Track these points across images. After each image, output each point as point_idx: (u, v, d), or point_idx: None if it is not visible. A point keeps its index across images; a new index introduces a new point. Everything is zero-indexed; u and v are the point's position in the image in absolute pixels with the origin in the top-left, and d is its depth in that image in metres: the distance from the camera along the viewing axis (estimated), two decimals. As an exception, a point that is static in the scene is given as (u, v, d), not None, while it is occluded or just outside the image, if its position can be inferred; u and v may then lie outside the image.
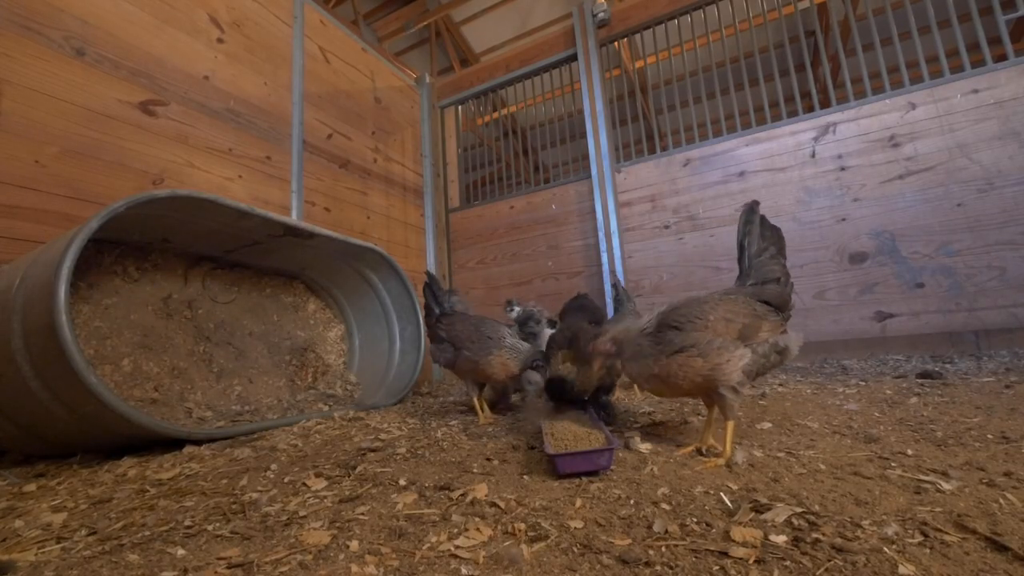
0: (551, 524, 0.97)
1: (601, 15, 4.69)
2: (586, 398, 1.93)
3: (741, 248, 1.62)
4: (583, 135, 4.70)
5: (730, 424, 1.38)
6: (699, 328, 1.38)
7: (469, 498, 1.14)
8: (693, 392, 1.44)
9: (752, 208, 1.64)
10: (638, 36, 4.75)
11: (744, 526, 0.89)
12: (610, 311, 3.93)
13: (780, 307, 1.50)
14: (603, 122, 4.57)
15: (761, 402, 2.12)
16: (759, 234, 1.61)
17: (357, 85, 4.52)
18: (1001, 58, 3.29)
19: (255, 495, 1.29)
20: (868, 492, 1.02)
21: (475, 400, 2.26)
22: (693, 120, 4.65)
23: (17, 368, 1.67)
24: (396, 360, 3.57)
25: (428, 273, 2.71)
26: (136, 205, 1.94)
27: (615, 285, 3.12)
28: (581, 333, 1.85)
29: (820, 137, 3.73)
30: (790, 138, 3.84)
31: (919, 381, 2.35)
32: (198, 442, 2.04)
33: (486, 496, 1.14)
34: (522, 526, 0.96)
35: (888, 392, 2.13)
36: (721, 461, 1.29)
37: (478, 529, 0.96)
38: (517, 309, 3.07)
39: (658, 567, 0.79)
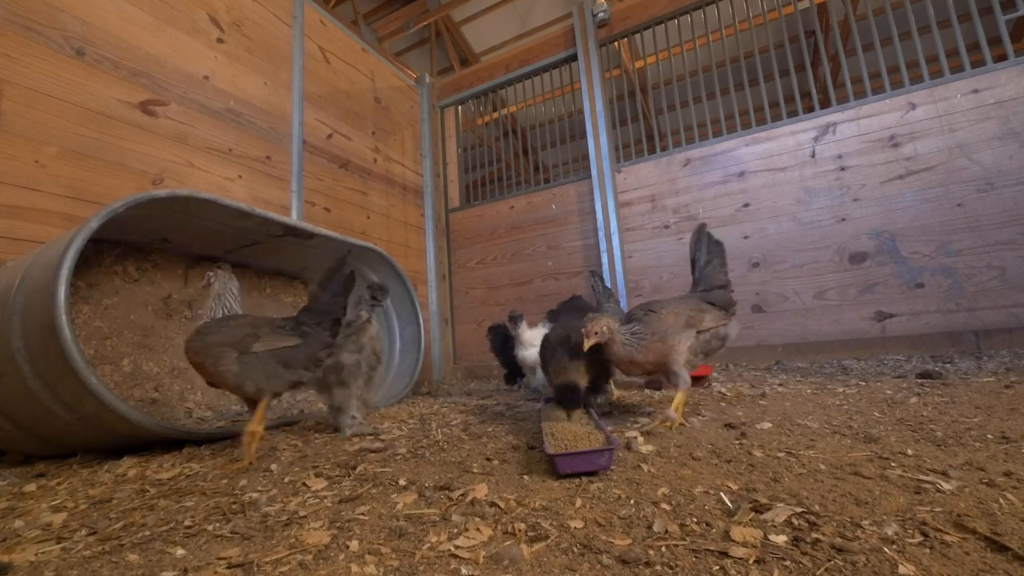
0: (551, 524, 0.97)
1: (601, 15, 4.69)
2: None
3: (693, 262, 2.07)
4: (583, 135, 4.70)
5: (680, 393, 1.78)
6: (657, 319, 1.80)
7: (469, 498, 1.14)
8: (655, 369, 1.84)
9: (700, 229, 2.10)
10: (638, 36, 4.75)
11: (744, 526, 0.89)
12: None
13: (724, 307, 1.95)
14: (603, 122, 4.57)
15: (761, 402, 2.12)
16: (706, 249, 2.06)
17: (357, 85, 4.52)
18: (1001, 58, 3.29)
19: (255, 495, 1.29)
20: (868, 492, 1.02)
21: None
22: (693, 120, 4.65)
23: (17, 368, 1.67)
24: (396, 360, 3.57)
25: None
26: (136, 205, 1.94)
27: (593, 273, 3.02)
28: (575, 333, 1.86)
29: (820, 137, 3.73)
30: (790, 138, 3.84)
31: (919, 381, 2.35)
32: (198, 442, 2.04)
33: (486, 496, 1.14)
34: (522, 526, 0.96)
35: (888, 392, 2.13)
36: (675, 421, 1.71)
37: (478, 529, 0.96)
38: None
39: (658, 567, 0.79)
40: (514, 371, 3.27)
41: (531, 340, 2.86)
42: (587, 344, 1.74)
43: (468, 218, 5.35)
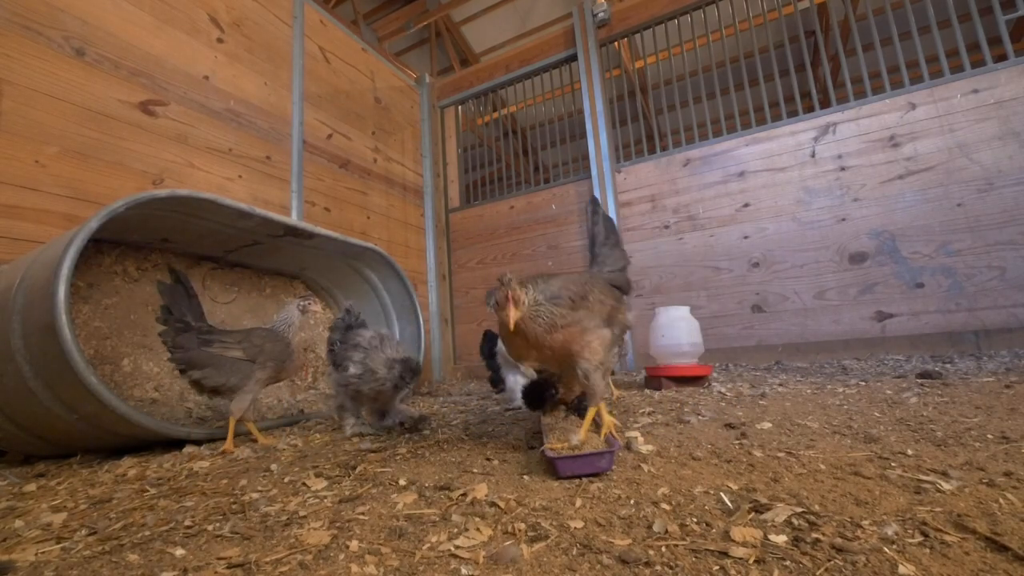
0: (551, 524, 0.97)
1: (601, 15, 4.69)
2: (566, 405, 1.89)
3: (592, 238, 1.81)
4: (583, 135, 4.70)
5: (592, 410, 1.45)
6: (585, 307, 1.44)
7: (469, 498, 1.14)
8: (553, 360, 1.48)
9: (594, 202, 1.91)
10: (638, 36, 4.75)
11: (744, 526, 0.89)
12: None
13: (626, 291, 1.72)
14: (603, 122, 4.57)
15: (761, 402, 2.12)
16: (603, 225, 1.81)
17: (357, 85, 4.52)
18: (1001, 58, 3.29)
19: (255, 495, 1.29)
20: (868, 492, 1.02)
21: None
22: (693, 120, 4.65)
23: (17, 368, 1.67)
24: (396, 360, 3.57)
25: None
26: (136, 205, 1.94)
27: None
28: None
29: (820, 137, 3.73)
30: (790, 138, 3.84)
31: (919, 381, 2.35)
32: (198, 442, 2.04)
33: (486, 496, 1.14)
34: (522, 526, 0.96)
35: (888, 392, 2.12)
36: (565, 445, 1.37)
37: (478, 529, 0.96)
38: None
39: (658, 567, 0.78)
40: (499, 377, 3.15)
41: None
42: (513, 317, 1.32)
43: (468, 218, 5.35)
